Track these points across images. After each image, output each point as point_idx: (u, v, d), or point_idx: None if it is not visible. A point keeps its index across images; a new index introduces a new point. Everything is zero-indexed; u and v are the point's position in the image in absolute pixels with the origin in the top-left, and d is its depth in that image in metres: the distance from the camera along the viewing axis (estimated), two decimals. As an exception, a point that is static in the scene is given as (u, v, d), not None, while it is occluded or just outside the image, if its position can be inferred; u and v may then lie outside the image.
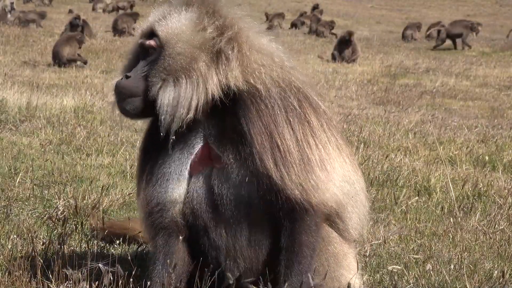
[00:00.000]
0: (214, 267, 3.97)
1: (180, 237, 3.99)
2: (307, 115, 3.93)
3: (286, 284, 3.87)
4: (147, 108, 3.88)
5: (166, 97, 3.81)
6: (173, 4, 3.98)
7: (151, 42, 3.89)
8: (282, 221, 3.90)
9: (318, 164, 3.88)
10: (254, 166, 3.80)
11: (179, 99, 3.80)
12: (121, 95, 3.90)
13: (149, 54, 3.91)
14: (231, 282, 3.85)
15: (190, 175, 3.94)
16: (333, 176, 3.95)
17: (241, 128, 3.82)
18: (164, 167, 3.96)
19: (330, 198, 3.94)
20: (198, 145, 3.94)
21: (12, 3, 30.71)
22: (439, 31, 31.32)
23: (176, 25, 3.87)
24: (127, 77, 3.89)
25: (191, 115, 3.81)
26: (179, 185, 3.95)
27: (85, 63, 18.84)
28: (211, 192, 3.89)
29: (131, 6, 39.72)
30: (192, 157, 3.94)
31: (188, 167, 3.94)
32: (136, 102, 3.88)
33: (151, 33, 3.93)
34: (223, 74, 3.83)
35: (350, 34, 23.82)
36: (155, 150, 4.00)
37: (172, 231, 4.01)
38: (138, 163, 4.18)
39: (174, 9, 3.94)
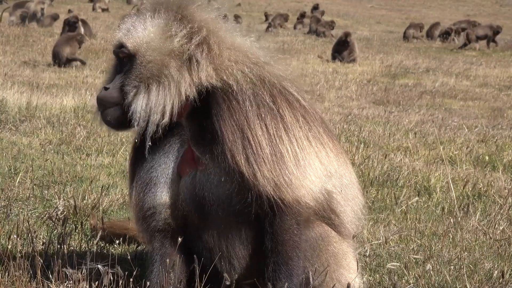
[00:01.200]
0: (210, 269, 3.97)
1: (177, 238, 3.99)
2: (280, 110, 3.89)
3: (276, 287, 3.85)
4: (127, 117, 3.91)
5: (138, 104, 3.85)
6: (139, 13, 4.01)
7: (121, 53, 3.93)
8: (263, 222, 3.88)
9: (292, 160, 3.84)
10: (227, 164, 3.79)
11: (151, 105, 3.84)
12: (101, 107, 3.96)
13: (124, 64, 3.95)
14: (228, 283, 3.85)
15: (180, 178, 3.96)
16: (309, 171, 3.89)
17: (213, 126, 3.83)
18: (151, 172, 3.99)
19: (306, 195, 3.87)
20: (182, 149, 3.96)
21: (42, 9, 30.99)
22: (467, 33, 31.85)
23: (143, 33, 3.91)
24: (105, 89, 3.95)
25: (166, 119, 3.84)
26: (167, 188, 3.97)
27: (83, 63, 18.83)
28: (196, 194, 3.90)
29: None
30: (178, 160, 3.96)
31: (176, 170, 3.96)
32: (115, 113, 3.93)
33: (121, 45, 3.96)
34: (195, 74, 3.85)
35: (347, 35, 23.79)
36: (143, 157, 4.02)
37: (167, 232, 4.02)
38: (128, 171, 4.23)
39: (141, 18, 3.97)
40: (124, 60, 3.94)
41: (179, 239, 3.98)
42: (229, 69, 3.89)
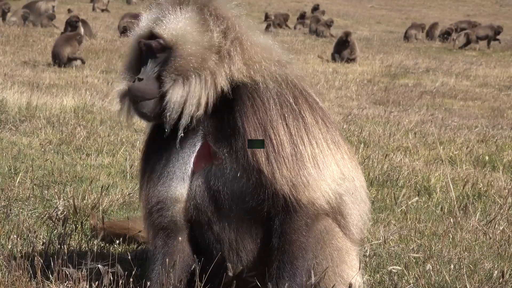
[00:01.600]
0: (217, 262, 3.99)
1: (180, 238, 4.02)
2: (302, 111, 3.95)
3: (281, 285, 3.88)
4: (162, 109, 3.90)
5: (175, 95, 3.85)
6: (165, 4, 4.00)
7: (157, 44, 3.91)
8: (273, 219, 3.92)
9: (311, 161, 3.89)
10: (246, 160, 3.83)
11: (187, 97, 3.85)
12: (136, 97, 3.92)
13: (157, 55, 3.93)
14: (230, 274, 3.88)
15: (193, 172, 3.98)
16: (326, 174, 3.95)
17: (235, 122, 3.87)
18: (168, 166, 4.00)
19: (321, 197, 3.92)
20: (199, 143, 3.98)
21: (53, 7, 31.06)
22: (467, 34, 31.97)
23: (178, 25, 3.91)
24: (139, 79, 3.91)
25: (201, 111, 3.87)
26: (182, 184, 3.99)
27: (83, 62, 18.83)
28: (211, 187, 3.93)
29: None
30: (194, 155, 3.97)
31: (191, 165, 3.98)
32: (152, 104, 3.91)
33: (151, 35, 3.95)
34: (228, 69, 3.89)
35: (347, 34, 23.80)
36: (159, 149, 4.04)
37: (171, 231, 4.04)
38: (141, 161, 4.21)
39: (169, 9, 3.96)
40: (157, 51, 3.92)
41: (180, 238, 4.01)
42: (257, 65, 3.94)
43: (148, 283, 3.97)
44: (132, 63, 4.09)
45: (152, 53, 3.95)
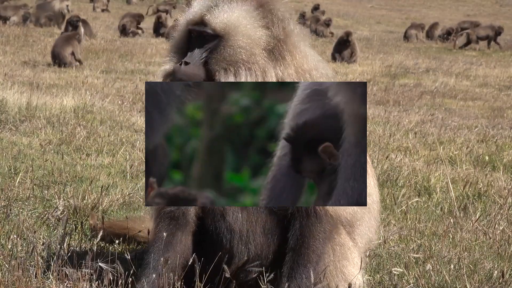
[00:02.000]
0: (224, 252, 4.02)
1: (185, 231, 4.05)
2: None
3: (292, 284, 3.93)
4: None
5: None
6: None
7: (207, 31, 3.91)
8: (293, 221, 3.98)
9: None
10: None
11: None
12: (181, 80, 3.90)
13: (206, 42, 3.93)
14: (227, 275, 3.90)
15: None
16: None
17: None
18: None
19: (346, 209, 4.05)
20: None
21: (67, 6, 31.16)
22: (468, 34, 32.04)
23: (231, 16, 3.90)
24: (186, 63, 3.90)
25: None
26: None
27: (81, 63, 18.79)
28: None
29: (174, 9, 39.52)
30: None
31: None
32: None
33: (201, 22, 3.94)
34: (279, 70, 3.91)
35: (348, 34, 23.77)
36: None
37: (178, 223, 4.06)
38: None
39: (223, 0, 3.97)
40: (206, 38, 3.92)
41: (185, 231, 4.05)
42: (307, 75, 3.97)
43: (147, 273, 3.99)
44: (180, 46, 4.07)
45: (201, 39, 3.94)
